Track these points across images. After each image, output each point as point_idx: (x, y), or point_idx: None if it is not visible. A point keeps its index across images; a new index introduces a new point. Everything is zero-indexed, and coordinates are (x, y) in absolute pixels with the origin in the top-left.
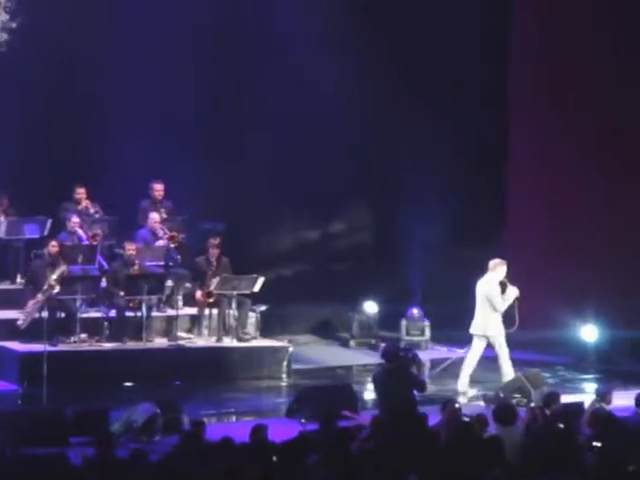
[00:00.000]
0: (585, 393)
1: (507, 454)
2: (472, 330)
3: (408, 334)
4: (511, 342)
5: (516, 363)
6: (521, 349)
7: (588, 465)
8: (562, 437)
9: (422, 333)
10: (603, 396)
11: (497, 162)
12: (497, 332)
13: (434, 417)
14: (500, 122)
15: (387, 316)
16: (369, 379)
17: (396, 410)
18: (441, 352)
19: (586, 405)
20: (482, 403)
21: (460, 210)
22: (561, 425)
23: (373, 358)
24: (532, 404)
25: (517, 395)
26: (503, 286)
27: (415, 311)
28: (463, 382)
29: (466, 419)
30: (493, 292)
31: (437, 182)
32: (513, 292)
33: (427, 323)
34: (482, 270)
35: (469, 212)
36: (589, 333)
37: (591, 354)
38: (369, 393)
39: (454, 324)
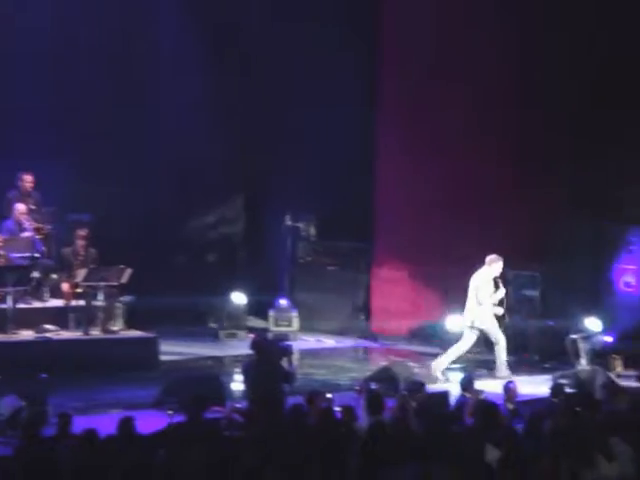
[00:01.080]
0: (451, 383)
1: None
2: (464, 321)
3: (276, 325)
4: (376, 332)
5: (384, 353)
6: (390, 339)
7: (461, 455)
8: (431, 426)
9: (290, 324)
10: (466, 386)
11: (366, 156)
12: (490, 324)
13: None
14: (369, 118)
15: (256, 307)
16: (238, 370)
17: (264, 401)
18: (310, 343)
19: (452, 395)
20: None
21: (329, 202)
22: (434, 414)
23: (242, 349)
24: (400, 394)
25: (384, 385)
26: (496, 282)
27: (283, 302)
28: (439, 366)
29: (337, 409)
30: (482, 285)
31: (307, 175)
32: (501, 293)
33: (295, 314)
34: (351, 260)
35: (338, 204)
36: (454, 323)
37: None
38: (238, 384)
39: (323, 315)
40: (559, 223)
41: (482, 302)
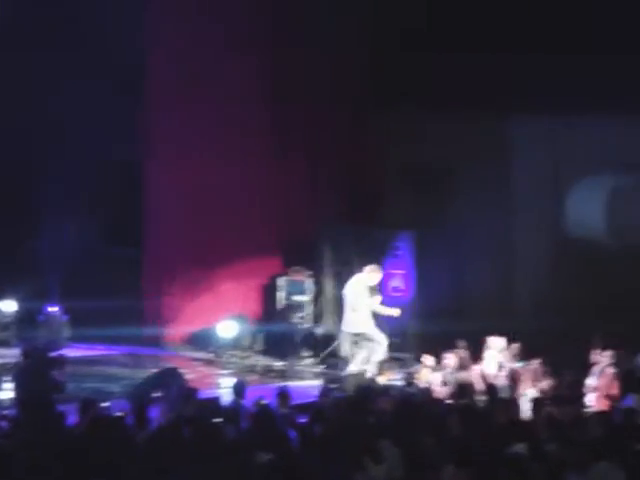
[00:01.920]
0: (223, 388)
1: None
2: (341, 327)
3: (46, 332)
4: (147, 339)
5: (154, 359)
6: (164, 346)
7: (231, 459)
8: (203, 432)
9: (61, 331)
10: (239, 391)
11: (138, 162)
12: (365, 329)
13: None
14: (139, 124)
15: (27, 314)
16: (7, 378)
17: (33, 409)
18: (81, 350)
19: (224, 400)
20: None
21: (103, 208)
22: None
23: (12, 357)
24: (173, 400)
25: (157, 391)
26: (372, 291)
27: (54, 309)
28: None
29: (118, 415)
30: (358, 291)
31: (81, 181)
32: (377, 300)
33: (66, 321)
34: (124, 267)
35: (111, 210)
36: (227, 329)
37: (227, 349)
38: (7, 392)
39: (95, 322)
40: (328, 229)
41: (356, 309)
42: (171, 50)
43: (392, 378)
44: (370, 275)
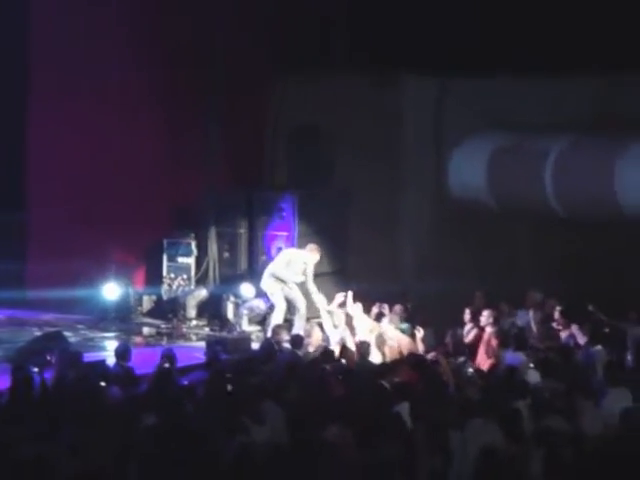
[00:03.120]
0: (106, 351)
1: None
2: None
3: None
4: (30, 302)
5: (38, 323)
6: (42, 308)
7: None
8: (89, 392)
9: None
10: (122, 355)
11: (19, 125)
12: (267, 289)
13: None
14: (21, 90)
15: None
16: None
17: None
18: None
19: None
20: None
21: None
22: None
23: None
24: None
25: (43, 354)
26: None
27: None
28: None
29: None
30: (291, 263)
31: None
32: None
33: None
34: (5, 229)
35: None
36: (110, 291)
37: (112, 312)
38: None
39: None
40: (213, 191)
41: (284, 279)
42: (56, 13)
43: (282, 339)
44: (310, 254)
